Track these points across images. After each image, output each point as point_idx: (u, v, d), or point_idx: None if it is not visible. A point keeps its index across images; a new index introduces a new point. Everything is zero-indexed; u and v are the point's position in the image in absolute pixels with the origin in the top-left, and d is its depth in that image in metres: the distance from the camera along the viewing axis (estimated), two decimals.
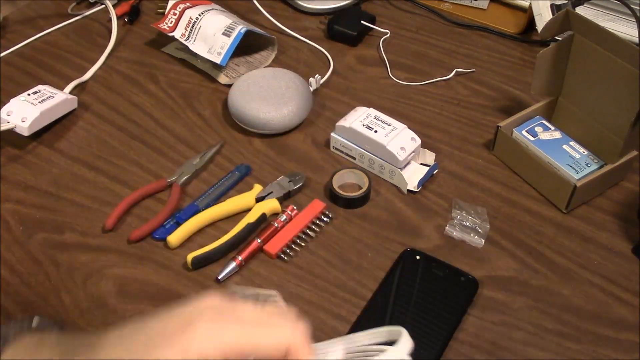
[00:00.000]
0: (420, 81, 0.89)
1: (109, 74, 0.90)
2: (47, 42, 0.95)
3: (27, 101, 0.77)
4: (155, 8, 1.01)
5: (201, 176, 0.76)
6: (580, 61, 0.74)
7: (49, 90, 0.81)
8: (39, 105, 0.78)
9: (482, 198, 0.74)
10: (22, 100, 0.77)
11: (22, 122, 0.76)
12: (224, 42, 0.86)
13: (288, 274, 0.67)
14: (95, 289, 0.65)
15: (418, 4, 1.02)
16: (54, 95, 0.80)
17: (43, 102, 0.78)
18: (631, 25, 0.88)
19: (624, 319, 0.63)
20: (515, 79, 0.89)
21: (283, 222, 0.70)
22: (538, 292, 0.65)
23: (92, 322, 0.62)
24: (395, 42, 0.96)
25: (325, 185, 0.75)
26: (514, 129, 0.76)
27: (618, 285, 0.66)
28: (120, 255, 0.68)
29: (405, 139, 0.75)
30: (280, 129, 0.80)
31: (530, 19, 0.95)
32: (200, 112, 0.84)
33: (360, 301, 0.64)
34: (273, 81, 0.82)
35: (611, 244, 0.70)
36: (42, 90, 0.80)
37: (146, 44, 0.95)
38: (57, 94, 0.80)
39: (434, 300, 0.63)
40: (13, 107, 0.77)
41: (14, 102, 0.77)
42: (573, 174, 0.71)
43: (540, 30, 0.77)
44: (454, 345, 0.61)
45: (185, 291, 0.65)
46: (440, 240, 0.70)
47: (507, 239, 0.70)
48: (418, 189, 0.74)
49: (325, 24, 0.97)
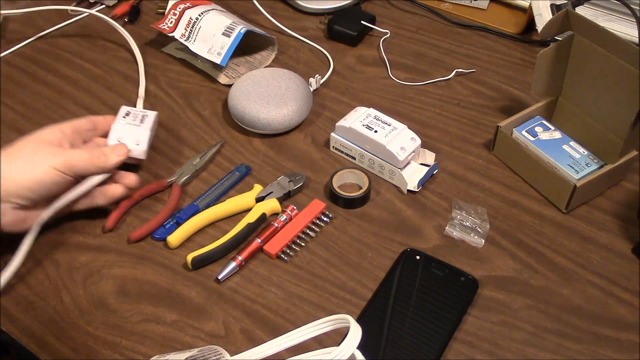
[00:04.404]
0: (420, 81, 0.89)
1: (108, 74, 0.90)
2: (47, 42, 0.95)
3: (129, 124, 0.73)
4: (155, 8, 1.01)
5: (201, 176, 0.76)
6: (580, 61, 0.74)
7: (135, 109, 0.76)
8: (143, 125, 0.74)
9: (482, 198, 0.74)
10: (123, 124, 0.73)
11: (137, 146, 0.72)
12: (224, 42, 0.86)
13: (288, 274, 0.67)
14: (95, 289, 0.65)
15: (418, 4, 1.02)
16: (145, 112, 0.76)
17: (143, 122, 0.75)
18: (631, 25, 0.88)
19: (624, 319, 0.63)
20: (515, 79, 0.89)
21: (283, 222, 0.70)
22: (538, 292, 0.65)
23: (92, 322, 0.62)
24: (395, 42, 0.96)
25: (325, 185, 0.75)
26: (514, 129, 0.76)
27: (618, 285, 0.66)
28: (120, 255, 0.68)
29: (405, 139, 0.75)
30: (280, 129, 0.80)
31: (530, 19, 0.95)
32: (200, 112, 0.84)
33: (360, 301, 0.64)
34: (273, 81, 0.82)
35: (611, 244, 0.70)
36: (131, 111, 0.76)
37: (146, 44, 0.95)
38: (146, 111, 0.77)
39: (434, 300, 0.63)
40: (120, 133, 0.72)
41: (117, 127, 0.73)
42: (573, 174, 0.71)
43: (540, 30, 0.77)
44: (454, 345, 0.61)
45: (185, 291, 0.65)
46: (440, 240, 0.70)
47: (507, 239, 0.70)
48: (418, 189, 0.74)
49: (325, 24, 0.97)
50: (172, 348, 0.61)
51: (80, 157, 0.66)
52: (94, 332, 0.62)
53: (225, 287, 0.66)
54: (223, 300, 0.65)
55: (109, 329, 0.62)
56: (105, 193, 0.70)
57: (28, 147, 0.65)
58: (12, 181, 0.62)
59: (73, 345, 0.61)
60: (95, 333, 0.62)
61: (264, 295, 0.65)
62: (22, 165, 0.63)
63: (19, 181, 0.63)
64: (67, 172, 0.65)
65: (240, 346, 0.61)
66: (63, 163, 0.64)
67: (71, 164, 0.65)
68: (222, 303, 0.64)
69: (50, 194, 0.65)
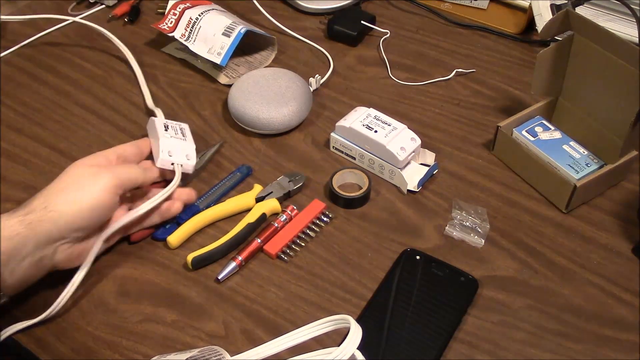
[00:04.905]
0: (420, 81, 0.89)
1: (108, 74, 0.90)
2: (47, 42, 0.95)
3: (174, 138, 0.73)
4: (155, 8, 1.01)
5: (201, 176, 0.76)
6: (580, 61, 0.74)
7: (169, 121, 0.76)
8: (187, 139, 0.74)
9: (482, 198, 0.74)
10: (169, 137, 0.72)
11: (188, 160, 0.72)
12: (224, 42, 0.86)
13: (288, 274, 0.67)
14: (95, 289, 0.65)
15: (418, 4, 1.02)
16: (180, 125, 0.76)
17: (185, 136, 0.74)
18: (631, 25, 0.88)
19: (624, 319, 0.63)
20: (515, 79, 0.89)
21: (283, 222, 0.70)
22: (538, 292, 0.65)
23: (92, 322, 0.62)
24: (395, 42, 0.96)
25: (325, 185, 0.75)
26: (514, 129, 0.76)
27: (618, 285, 0.66)
28: (120, 255, 0.68)
29: (405, 139, 0.75)
30: (280, 129, 0.80)
31: (530, 19, 0.95)
32: (200, 112, 0.84)
33: (360, 301, 0.64)
34: (273, 81, 0.82)
35: (611, 244, 0.70)
36: (168, 124, 0.75)
37: (146, 44, 0.95)
38: (180, 123, 0.76)
39: (434, 300, 0.63)
40: (169, 147, 0.71)
41: (164, 141, 0.71)
42: (573, 174, 0.71)
43: (540, 30, 0.77)
44: (454, 345, 0.61)
45: (185, 291, 0.65)
46: (440, 240, 0.70)
47: (507, 239, 0.70)
48: (418, 189, 0.74)
49: (325, 24, 0.97)
50: (172, 348, 0.61)
51: (126, 169, 0.66)
52: (94, 332, 0.62)
53: (225, 287, 0.66)
54: (223, 300, 0.65)
55: (109, 329, 0.62)
56: (162, 210, 0.68)
57: (74, 176, 0.63)
58: (65, 216, 0.60)
59: (73, 345, 0.61)
60: (95, 333, 0.62)
61: (264, 295, 0.65)
62: (72, 196, 0.61)
63: (72, 213, 0.60)
64: (118, 189, 0.63)
65: (241, 346, 0.61)
66: (112, 180, 0.63)
67: (120, 178, 0.63)
68: (222, 303, 0.64)
69: (103, 218, 0.63)
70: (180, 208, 0.69)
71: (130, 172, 0.66)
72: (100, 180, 0.62)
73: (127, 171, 0.65)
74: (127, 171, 0.65)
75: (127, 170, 0.65)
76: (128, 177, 0.65)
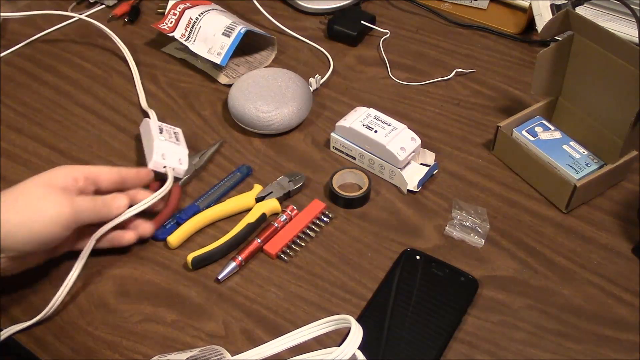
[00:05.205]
0: (420, 81, 0.89)
1: (108, 74, 0.90)
2: (47, 42, 0.95)
3: (167, 141, 0.73)
4: (155, 8, 1.01)
5: (201, 176, 0.76)
6: (580, 61, 0.74)
7: (164, 124, 0.76)
8: (180, 143, 0.74)
9: (482, 198, 0.74)
10: (163, 140, 0.73)
11: (181, 165, 0.72)
12: (224, 42, 0.86)
13: (288, 274, 0.67)
14: (95, 289, 0.65)
15: (418, 4, 1.02)
16: (174, 129, 0.76)
17: (179, 140, 0.75)
18: (631, 25, 0.88)
19: (624, 319, 0.63)
20: (515, 79, 0.89)
21: (283, 222, 0.70)
22: (538, 292, 0.65)
23: (92, 322, 0.62)
24: (395, 42, 0.96)
25: (325, 185, 0.75)
26: (514, 129, 0.76)
27: (618, 285, 0.66)
28: (120, 255, 0.68)
29: (405, 139, 0.75)
30: (280, 129, 0.80)
31: (530, 19, 0.95)
32: (200, 112, 0.84)
33: (360, 301, 0.64)
34: (273, 81, 0.82)
35: (611, 244, 0.70)
36: (163, 127, 0.75)
37: (146, 44, 0.95)
38: (173, 127, 0.76)
39: (434, 300, 0.63)
40: (163, 150, 0.72)
41: (159, 144, 0.72)
42: (573, 174, 0.71)
43: (540, 30, 0.77)
44: (454, 345, 0.61)
45: (185, 291, 0.65)
46: (440, 240, 0.70)
47: (507, 239, 0.70)
48: (418, 189, 0.74)
49: (325, 24, 0.97)
50: (172, 348, 0.61)
51: (89, 204, 0.62)
52: (94, 332, 0.62)
53: (225, 287, 0.66)
54: (223, 300, 0.65)
55: (109, 329, 0.62)
56: (114, 237, 0.66)
57: (29, 195, 0.59)
58: (6, 236, 0.56)
59: (73, 345, 0.61)
60: (95, 333, 0.62)
61: (264, 295, 0.65)
62: (19, 217, 0.57)
63: (13, 236, 0.56)
64: (72, 224, 0.60)
65: (241, 346, 0.61)
66: (68, 215, 0.59)
67: (77, 214, 0.60)
68: (222, 303, 0.64)
69: (47, 248, 0.60)
70: (133, 240, 0.66)
71: (93, 208, 0.62)
72: (55, 210, 0.58)
73: (88, 207, 0.61)
74: (88, 207, 0.61)
75: (89, 206, 0.62)
76: (88, 214, 0.61)
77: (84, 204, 0.61)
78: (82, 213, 0.61)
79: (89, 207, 0.62)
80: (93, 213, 0.62)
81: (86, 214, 0.61)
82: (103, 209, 0.63)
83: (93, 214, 0.62)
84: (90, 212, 0.62)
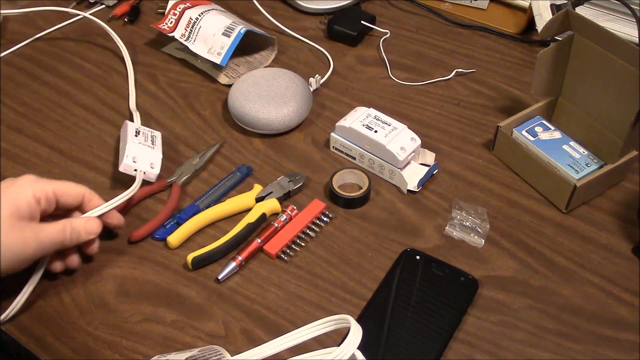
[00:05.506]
0: (420, 81, 0.89)
1: (108, 74, 0.90)
2: (47, 41, 0.95)
3: (142, 144, 0.73)
4: (155, 8, 1.01)
5: (201, 176, 0.76)
6: (580, 61, 0.74)
7: (142, 127, 0.76)
8: (155, 147, 0.74)
9: (482, 198, 0.74)
10: (137, 143, 0.72)
11: (152, 169, 0.72)
12: (224, 42, 0.86)
13: (288, 274, 0.67)
14: (95, 289, 0.65)
15: (418, 4, 1.02)
16: (152, 132, 0.76)
17: (154, 144, 0.74)
18: (631, 25, 0.88)
19: (624, 319, 0.63)
20: (515, 79, 0.89)
21: (283, 222, 0.70)
22: (538, 292, 0.65)
23: (92, 322, 0.62)
24: (395, 42, 0.96)
25: (325, 185, 0.75)
26: (514, 129, 0.76)
27: (618, 285, 0.66)
28: (120, 255, 0.68)
29: (405, 139, 0.75)
30: (280, 129, 0.80)
31: (530, 19, 0.95)
32: (200, 112, 0.84)
33: (360, 301, 0.64)
34: (273, 81, 0.82)
35: (611, 244, 0.70)
36: (140, 130, 0.75)
37: (146, 44, 0.95)
38: (152, 131, 0.76)
39: (434, 300, 0.63)
40: (135, 152, 0.71)
41: (131, 146, 0.72)
42: (573, 174, 0.71)
43: (540, 30, 0.77)
44: (454, 345, 0.61)
45: (185, 291, 0.65)
46: (440, 240, 0.70)
47: (507, 239, 0.70)
48: (418, 189, 0.74)
49: (325, 24, 0.97)
50: (172, 348, 0.61)
51: (54, 233, 0.60)
52: (94, 332, 0.62)
53: (225, 287, 0.66)
54: (223, 300, 0.65)
55: (109, 329, 0.62)
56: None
57: None
58: None
59: (73, 345, 0.61)
60: (95, 333, 0.62)
61: (264, 295, 0.65)
62: None
63: None
64: (38, 256, 0.60)
65: (241, 346, 0.61)
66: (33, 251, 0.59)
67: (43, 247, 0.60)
68: (222, 303, 0.64)
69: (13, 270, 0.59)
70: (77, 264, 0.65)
71: (62, 241, 0.61)
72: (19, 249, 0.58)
73: (56, 239, 0.60)
74: (56, 239, 0.60)
75: (57, 239, 0.60)
76: (55, 247, 0.61)
77: (51, 236, 0.60)
78: (48, 247, 0.60)
79: (56, 240, 0.61)
80: (61, 245, 0.61)
81: (53, 247, 0.61)
82: (72, 237, 0.62)
83: (60, 246, 0.61)
84: (59, 245, 0.61)
